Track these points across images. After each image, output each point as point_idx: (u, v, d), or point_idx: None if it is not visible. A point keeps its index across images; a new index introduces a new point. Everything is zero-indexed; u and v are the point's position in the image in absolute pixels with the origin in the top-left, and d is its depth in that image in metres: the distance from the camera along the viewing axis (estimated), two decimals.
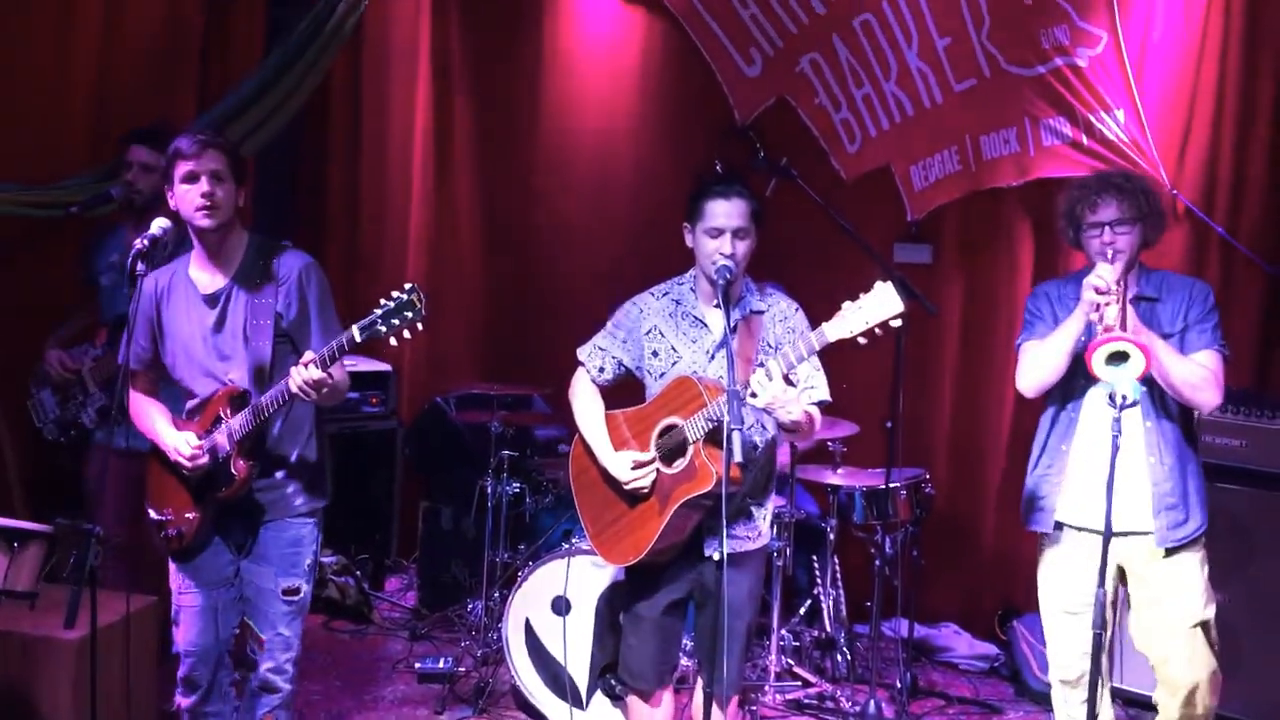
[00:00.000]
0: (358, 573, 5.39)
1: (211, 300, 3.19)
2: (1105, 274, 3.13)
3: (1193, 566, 3.28)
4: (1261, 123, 4.70)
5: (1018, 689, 4.83)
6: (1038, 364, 3.36)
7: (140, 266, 3.00)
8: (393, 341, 2.93)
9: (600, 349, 3.35)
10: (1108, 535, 2.84)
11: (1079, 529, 3.35)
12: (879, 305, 2.80)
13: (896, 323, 2.80)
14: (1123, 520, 3.21)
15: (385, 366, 5.70)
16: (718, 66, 5.68)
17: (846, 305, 2.85)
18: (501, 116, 6.10)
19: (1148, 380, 3.12)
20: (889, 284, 2.82)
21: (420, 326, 2.90)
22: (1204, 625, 3.28)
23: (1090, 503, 3.27)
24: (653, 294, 3.33)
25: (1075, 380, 3.31)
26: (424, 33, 5.94)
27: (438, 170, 6.14)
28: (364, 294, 5.73)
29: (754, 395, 2.89)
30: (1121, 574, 3.37)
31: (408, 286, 2.89)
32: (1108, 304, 3.08)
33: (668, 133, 5.83)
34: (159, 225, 3.10)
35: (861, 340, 2.85)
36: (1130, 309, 3.18)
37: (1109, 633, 3.40)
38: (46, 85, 4.57)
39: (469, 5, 6.04)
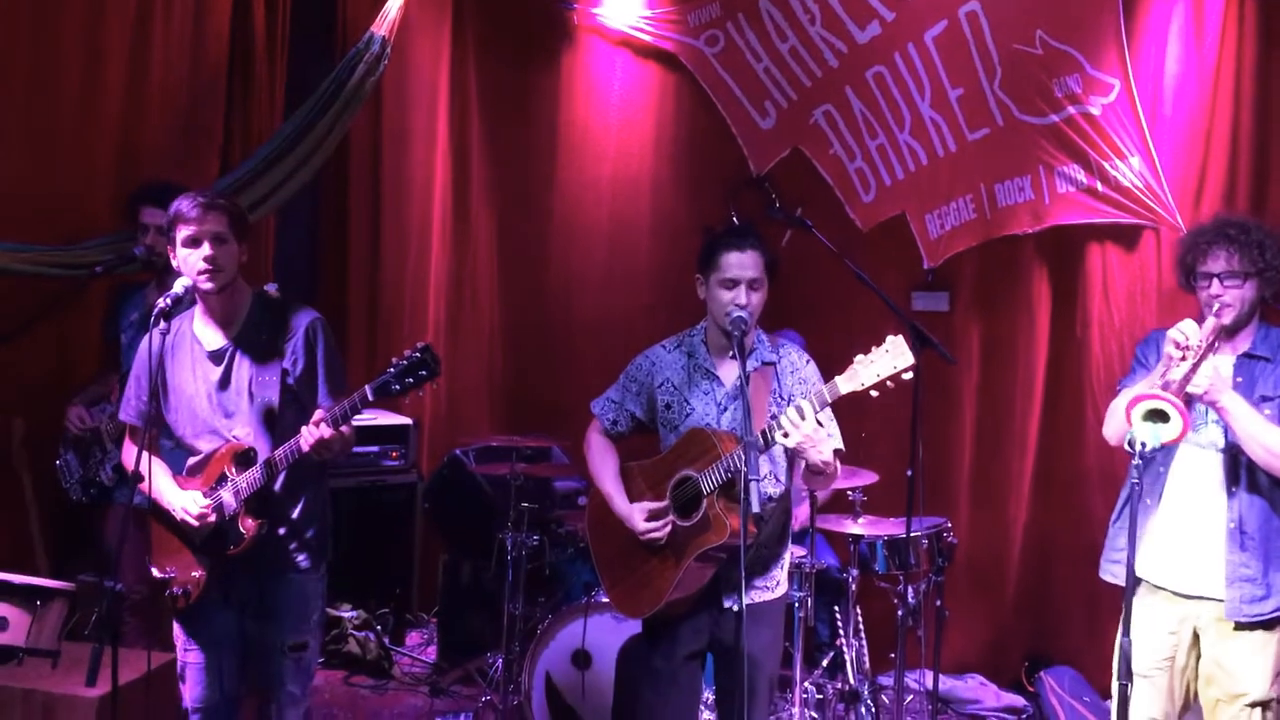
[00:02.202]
0: (378, 627, 5.37)
1: (216, 357, 3.18)
2: (1188, 329, 3.02)
3: (1265, 644, 3.14)
4: (1276, 165, 4.72)
5: None
6: (1115, 412, 3.25)
7: (162, 325, 3.03)
8: (405, 400, 2.94)
9: (613, 402, 3.37)
10: (1130, 582, 2.80)
11: (1155, 586, 3.25)
12: (890, 358, 2.84)
13: (908, 375, 2.84)
14: (1196, 584, 3.17)
15: (406, 420, 5.71)
16: (732, 119, 5.73)
17: (859, 359, 2.89)
18: (519, 169, 6.16)
19: (1234, 447, 3.08)
20: (899, 337, 2.87)
21: (434, 385, 2.92)
22: (1263, 706, 3.13)
23: (1169, 562, 3.21)
24: (664, 346, 3.34)
25: None
26: (442, 87, 6.03)
27: (456, 223, 6.20)
28: (384, 347, 5.82)
29: (785, 435, 2.90)
30: (1196, 640, 3.24)
31: (421, 345, 2.91)
32: (1182, 358, 2.99)
33: (684, 184, 5.88)
34: (181, 285, 3.13)
35: (874, 393, 2.88)
36: (1214, 367, 3.07)
37: (1179, 703, 3.26)
38: (70, 145, 4.63)
39: (486, 60, 6.13)
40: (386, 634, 5.45)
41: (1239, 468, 3.13)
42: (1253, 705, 3.13)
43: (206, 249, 3.07)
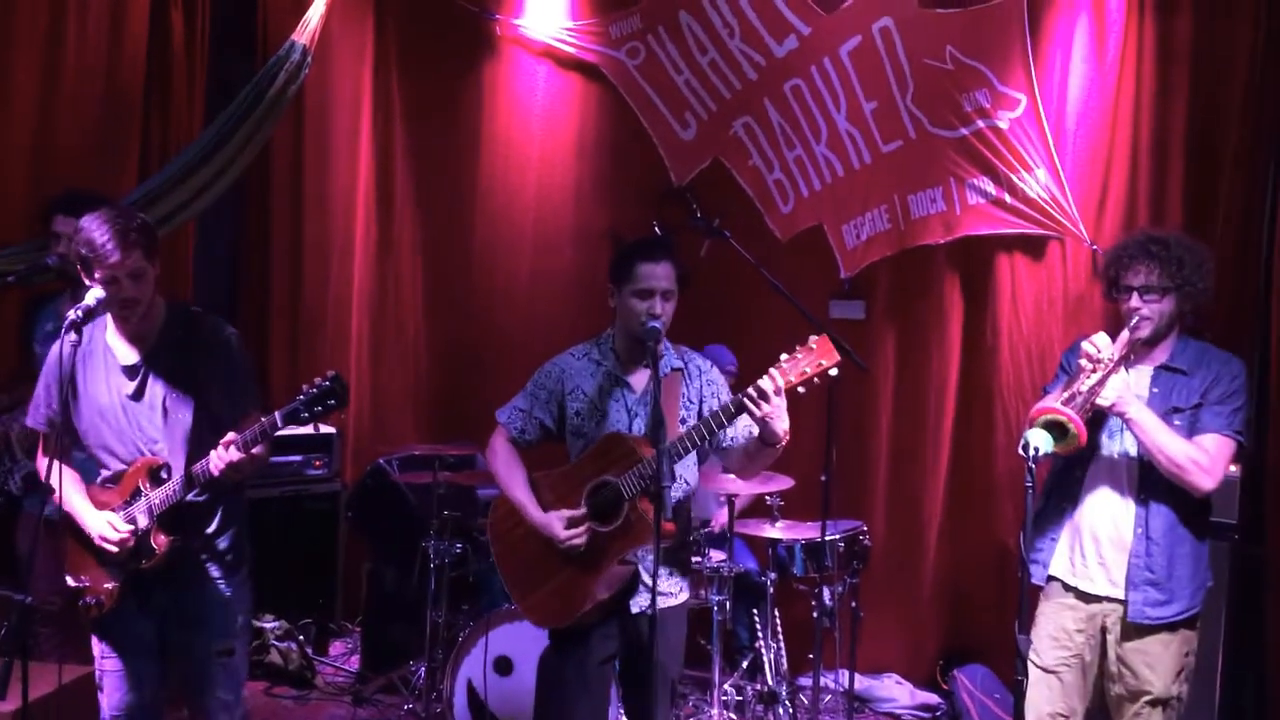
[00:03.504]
0: (300, 637, 5.34)
1: (130, 371, 3.16)
2: (1100, 342, 3.12)
3: (1167, 645, 3.23)
4: (1174, 176, 4.90)
5: None
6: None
7: (73, 337, 3.00)
8: (313, 426, 2.98)
9: (521, 410, 3.38)
10: (1026, 583, 2.91)
11: (1066, 586, 3.35)
12: (816, 356, 2.96)
13: (833, 371, 2.97)
14: (1104, 586, 3.27)
15: (329, 429, 5.68)
16: (653, 129, 5.81)
17: (784, 358, 2.98)
18: (443, 178, 6.17)
19: (1145, 456, 3.17)
20: (824, 336, 2.99)
21: (342, 415, 2.96)
22: (1163, 703, 3.23)
23: (1083, 564, 3.31)
24: (572, 354, 3.37)
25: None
26: (365, 96, 6.02)
27: (380, 232, 6.19)
28: (307, 355, 5.81)
29: (756, 403, 2.94)
30: (1105, 638, 3.32)
31: (331, 374, 2.96)
32: (1093, 370, 3.09)
33: (606, 193, 5.93)
34: (94, 296, 3.09)
35: (801, 389, 2.98)
36: (1125, 380, 3.17)
37: (1088, 701, 3.35)
38: None
39: (409, 69, 6.13)
40: (309, 644, 5.42)
41: (1149, 476, 3.23)
42: (1153, 703, 3.23)
43: (125, 288, 3.03)
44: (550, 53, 5.94)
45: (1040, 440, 2.86)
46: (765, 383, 2.96)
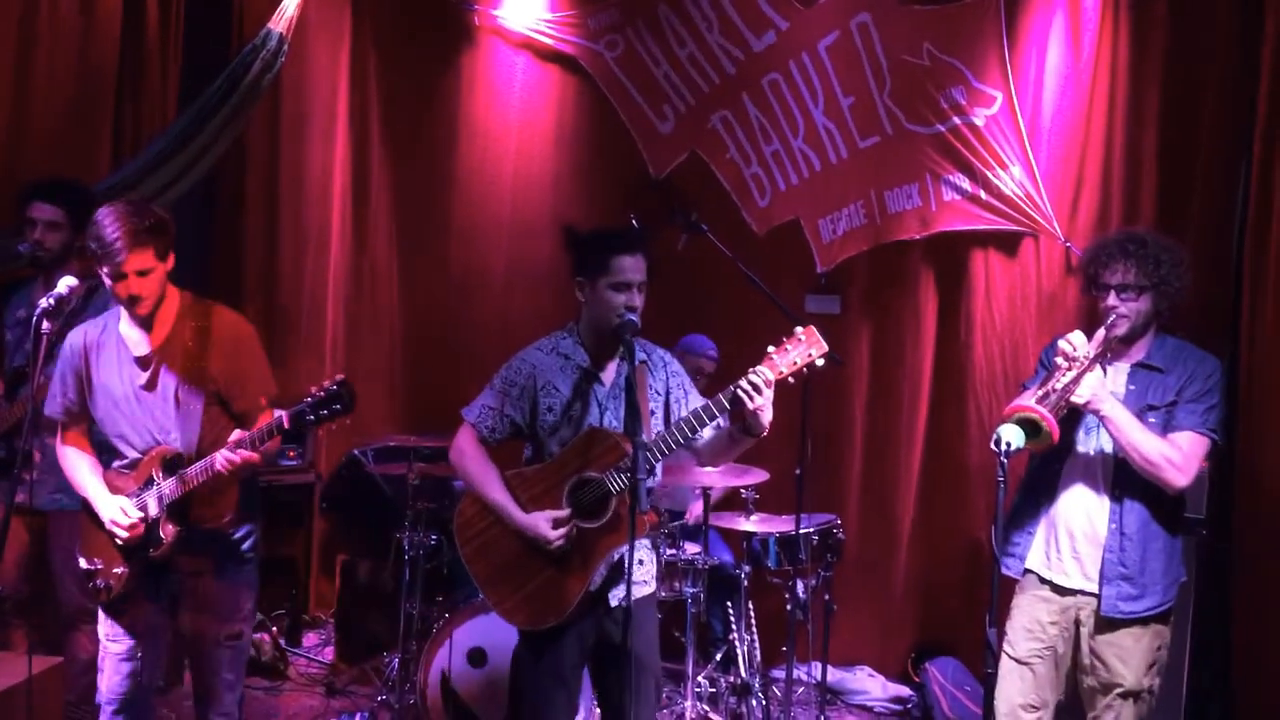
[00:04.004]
0: (274, 628, 5.32)
1: (143, 362, 3.21)
2: (1076, 340, 3.16)
3: (1139, 639, 3.27)
4: (1148, 173, 4.92)
5: None
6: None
7: (45, 325, 3.00)
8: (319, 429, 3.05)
9: (490, 409, 3.26)
10: (997, 575, 2.93)
11: (1041, 579, 3.39)
12: (805, 347, 2.99)
13: (821, 362, 3.00)
14: (1078, 580, 3.31)
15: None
16: (632, 123, 5.80)
17: (772, 350, 3.00)
18: (419, 169, 6.15)
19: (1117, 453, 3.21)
20: (812, 327, 3.03)
21: (348, 420, 3.05)
22: (1134, 696, 3.26)
23: (1058, 558, 3.34)
24: (539, 349, 3.28)
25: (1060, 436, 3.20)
26: (341, 85, 5.99)
27: (355, 223, 6.16)
28: (281, 347, 5.77)
29: (750, 396, 2.97)
30: (1078, 631, 3.35)
31: (339, 378, 3.02)
32: (1068, 368, 3.12)
33: (584, 185, 5.93)
34: (65, 284, 3.10)
35: (791, 380, 3.01)
36: (1100, 378, 3.20)
37: (1060, 692, 3.39)
38: None
39: (386, 59, 6.10)
40: (282, 635, 5.41)
41: (1123, 473, 3.26)
42: (1124, 695, 3.27)
43: (132, 285, 3.09)
44: (529, 44, 5.93)
45: (1012, 435, 2.87)
46: (757, 376, 2.98)
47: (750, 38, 5.54)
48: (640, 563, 3.25)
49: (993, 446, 2.88)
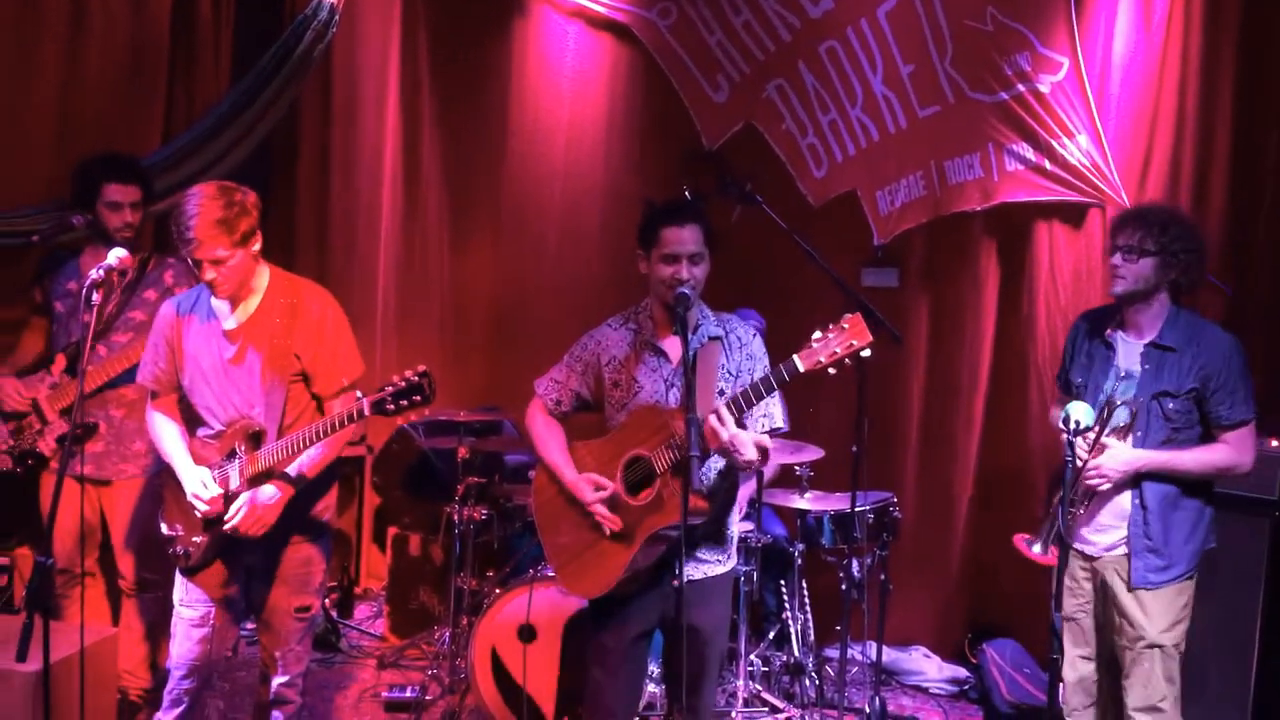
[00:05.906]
0: (326, 601, 5.35)
1: (231, 336, 3.25)
2: (1079, 413, 3.08)
3: (1164, 599, 3.33)
4: (1221, 146, 4.75)
5: (987, 712, 4.82)
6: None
7: (95, 296, 2.98)
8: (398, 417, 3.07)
9: (557, 382, 3.31)
10: (1064, 558, 2.85)
11: (1077, 551, 3.47)
12: (847, 336, 2.84)
13: (866, 353, 2.85)
14: (1103, 549, 3.40)
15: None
16: (685, 92, 5.71)
17: (815, 337, 2.87)
18: (471, 140, 6.11)
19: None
20: (857, 315, 2.86)
21: (426, 411, 3.06)
22: (1162, 649, 3.32)
23: (1090, 532, 3.41)
24: (610, 325, 3.30)
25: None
26: (393, 58, 5.95)
27: (407, 194, 6.14)
28: None
29: (706, 443, 2.88)
30: (1105, 591, 3.44)
31: (421, 369, 3.01)
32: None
33: (636, 157, 5.85)
34: (115, 256, 3.09)
35: (831, 370, 2.88)
36: (1115, 466, 3.27)
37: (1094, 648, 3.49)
38: (6, 112, 4.53)
39: (437, 31, 6.05)
40: (334, 607, 5.44)
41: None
42: (1150, 646, 3.32)
43: (205, 272, 3.14)
44: (581, 13, 5.85)
45: (1081, 414, 2.79)
46: (711, 427, 2.89)
47: (807, 4, 5.41)
48: (715, 544, 3.20)
49: (1059, 425, 2.80)
